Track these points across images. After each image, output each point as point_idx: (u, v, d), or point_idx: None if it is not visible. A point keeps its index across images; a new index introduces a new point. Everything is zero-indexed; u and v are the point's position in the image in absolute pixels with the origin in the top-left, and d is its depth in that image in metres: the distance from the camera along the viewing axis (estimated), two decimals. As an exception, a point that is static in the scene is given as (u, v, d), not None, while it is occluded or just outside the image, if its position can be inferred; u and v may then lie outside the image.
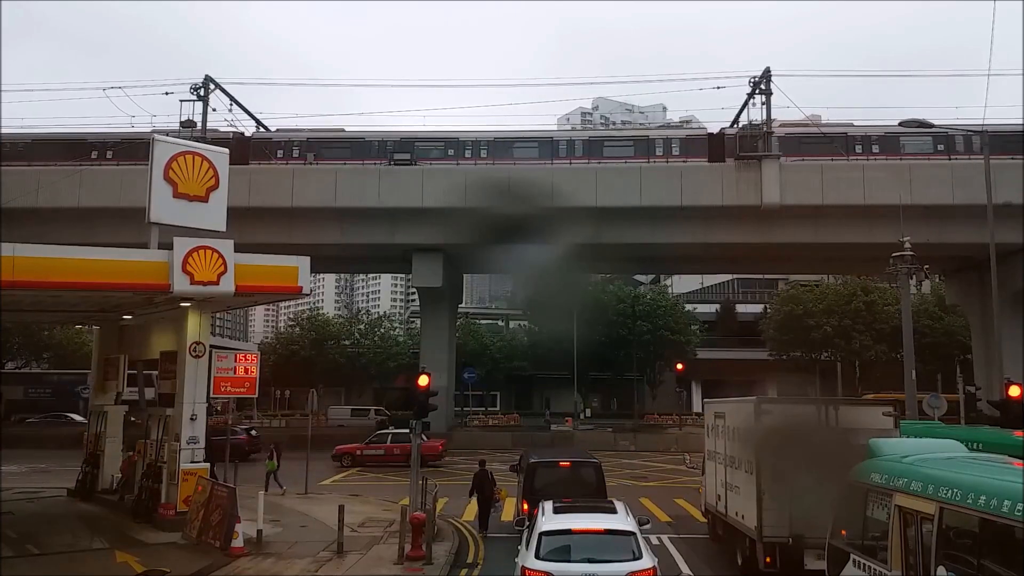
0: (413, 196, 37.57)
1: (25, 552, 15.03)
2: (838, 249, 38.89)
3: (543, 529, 10.58)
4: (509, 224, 33.57)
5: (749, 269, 58.85)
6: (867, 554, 8.72)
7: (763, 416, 13.15)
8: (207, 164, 17.36)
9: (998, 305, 24.14)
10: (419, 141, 39.59)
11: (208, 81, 40.23)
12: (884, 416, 13.09)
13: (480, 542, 16.72)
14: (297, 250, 18.78)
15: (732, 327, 67.50)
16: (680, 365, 51.43)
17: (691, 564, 14.74)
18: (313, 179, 38.19)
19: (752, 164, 36.73)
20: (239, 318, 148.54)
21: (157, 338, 19.53)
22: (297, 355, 61.30)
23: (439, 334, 42.84)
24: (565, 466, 16.03)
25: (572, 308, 46.43)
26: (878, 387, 44.72)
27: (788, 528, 12.17)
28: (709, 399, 19.04)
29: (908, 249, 24.92)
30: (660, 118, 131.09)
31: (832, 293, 52.94)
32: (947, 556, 7.32)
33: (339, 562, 14.20)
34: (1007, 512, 6.48)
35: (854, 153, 37.35)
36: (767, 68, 38.29)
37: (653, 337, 53.73)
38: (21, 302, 17.80)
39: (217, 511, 15.30)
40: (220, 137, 36.92)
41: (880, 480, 8.67)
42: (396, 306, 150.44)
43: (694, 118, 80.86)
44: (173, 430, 17.52)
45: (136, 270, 15.67)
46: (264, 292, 18.01)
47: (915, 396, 24.31)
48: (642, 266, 56.46)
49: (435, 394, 17.14)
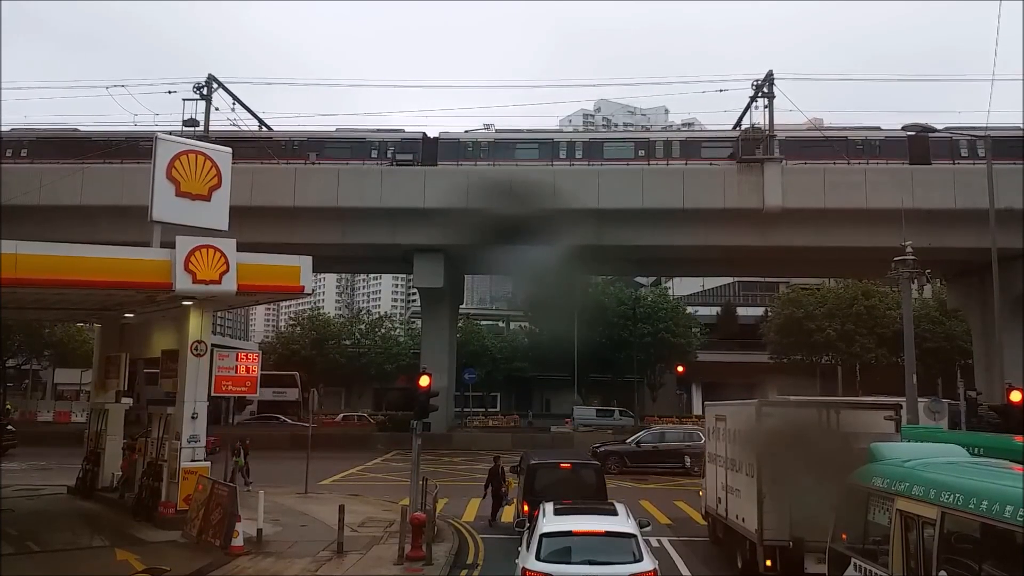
0: (415, 197, 37.60)
1: (25, 549, 15.02)
2: (839, 252, 38.89)
3: (543, 531, 10.58)
4: (510, 225, 33.60)
5: (750, 272, 58.85)
6: (868, 558, 8.71)
7: (764, 419, 13.15)
8: (210, 163, 17.37)
9: (999, 310, 24.15)
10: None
11: (211, 80, 40.29)
12: (885, 420, 13.08)
13: (480, 543, 16.73)
14: (299, 250, 18.80)
15: (733, 330, 67.51)
16: (681, 367, 51.48)
17: (691, 566, 14.73)
18: (315, 179, 38.23)
19: (754, 167, 36.76)
20: (240, 317, 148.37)
21: (159, 336, 19.54)
22: (298, 355, 61.35)
23: (440, 335, 42.88)
24: (565, 468, 16.02)
25: (573, 309, 46.51)
26: (879, 391, 44.70)
27: (789, 531, 12.16)
28: (710, 401, 19.03)
29: (909, 253, 24.92)
30: (662, 120, 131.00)
31: (833, 297, 52.94)
32: (948, 560, 7.31)
33: (339, 562, 14.19)
34: (1008, 517, 6.47)
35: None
36: (770, 71, 38.38)
37: (654, 339, 53.76)
38: (23, 300, 17.81)
39: (217, 510, 15.29)
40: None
41: (881, 484, 8.66)
42: (397, 306, 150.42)
43: (696, 120, 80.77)
44: (174, 428, 17.54)
45: (138, 269, 15.68)
46: (266, 291, 18.01)
47: (916, 400, 24.29)
48: (643, 268, 56.49)
49: (436, 395, 17.14)
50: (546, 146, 39.34)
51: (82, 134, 40.14)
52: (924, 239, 30.01)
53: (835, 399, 22.05)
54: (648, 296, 60.40)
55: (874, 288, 52.05)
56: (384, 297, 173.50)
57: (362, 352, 63.98)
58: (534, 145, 39.42)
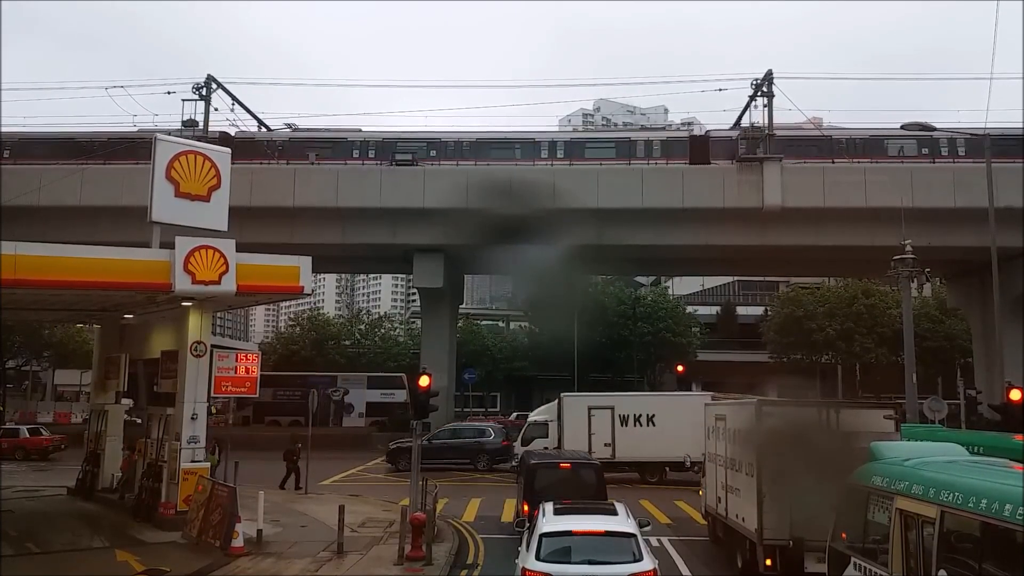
0: (414, 197, 37.58)
1: (25, 550, 15.02)
2: (839, 252, 38.87)
3: (543, 530, 10.57)
4: (510, 225, 33.59)
5: (750, 271, 58.85)
6: (868, 557, 8.71)
7: (764, 418, 13.15)
8: (209, 163, 17.36)
9: (999, 309, 24.12)
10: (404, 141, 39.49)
11: (210, 80, 40.28)
12: (885, 419, 13.09)
13: (480, 543, 16.72)
14: (298, 250, 18.81)
15: (733, 329, 67.52)
16: (681, 367, 51.42)
17: (691, 566, 14.73)
18: (314, 179, 38.20)
19: (754, 166, 36.76)
20: (240, 318, 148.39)
21: (158, 337, 19.53)
22: (297, 355, 61.33)
23: (440, 335, 42.85)
24: (565, 467, 16.01)
25: (573, 309, 46.47)
26: (879, 391, 44.73)
27: (788, 531, 12.16)
28: (709, 401, 19.03)
29: (909, 252, 24.95)
30: (661, 120, 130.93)
31: (833, 296, 52.93)
32: (948, 559, 7.31)
33: (339, 562, 14.19)
34: (1008, 516, 6.47)
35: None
36: (769, 71, 38.39)
37: (654, 339, 53.75)
38: (22, 300, 17.80)
39: (217, 510, 15.29)
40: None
41: (881, 483, 8.66)
42: (397, 306, 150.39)
43: (696, 120, 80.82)
44: (174, 429, 17.53)
45: (138, 269, 15.68)
46: (265, 292, 18.02)
47: (916, 399, 24.34)
48: (643, 267, 56.45)
49: (436, 395, 17.13)
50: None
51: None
52: (924, 238, 30.04)
53: (832, 401, 22.04)
54: (648, 296, 60.39)
55: (874, 287, 52.05)
56: (384, 297, 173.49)
57: (362, 352, 63.96)
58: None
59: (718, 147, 37.99)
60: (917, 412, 24.48)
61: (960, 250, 35.72)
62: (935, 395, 29.61)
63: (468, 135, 39.57)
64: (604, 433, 25.57)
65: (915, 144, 36.67)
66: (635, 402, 27.66)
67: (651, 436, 25.61)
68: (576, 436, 25.92)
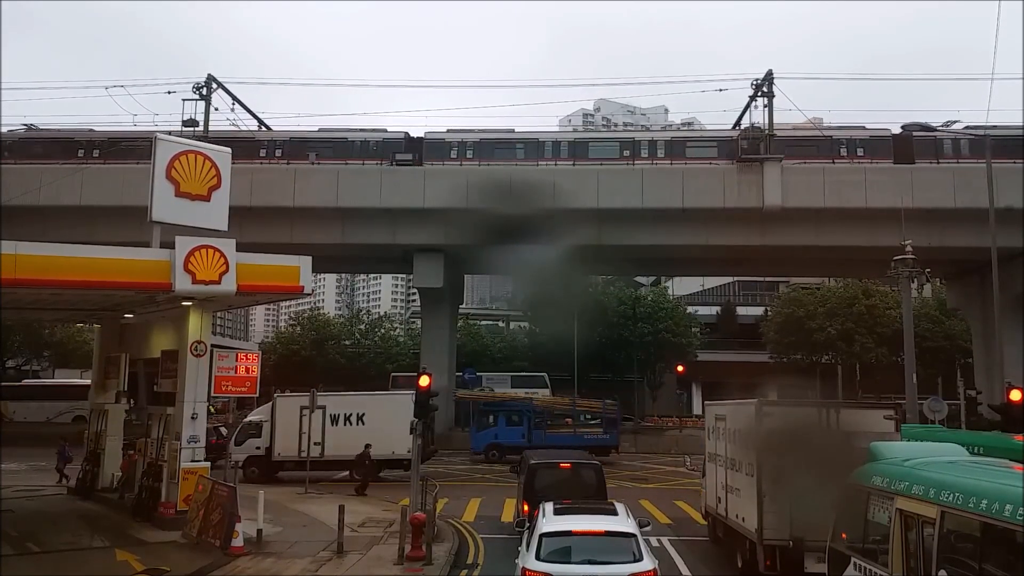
0: (415, 197, 37.58)
1: (25, 550, 15.03)
2: (839, 252, 38.86)
3: (543, 530, 10.58)
4: (510, 225, 33.57)
5: (750, 271, 58.80)
6: (868, 557, 8.71)
7: (764, 419, 13.15)
8: (209, 163, 17.37)
9: (999, 309, 24.12)
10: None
11: (211, 80, 40.27)
12: (885, 419, 13.09)
13: (480, 543, 16.73)
14: (298, 250, 18.83)
15: (733, 329, 67.46)
16: (681, 367, 51.36)
17: (691, 566, 14.74)
18: (315, 179, 38.20)
19: (754, 166, 36.75)
20: (240, 317, 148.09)
21: (158, 337, 19.54)
22: (298, 355, 61.31)
23: (440, 335, 42.86)
24: (565, 467, 16.02)
25: (573, 309, 46.39)
26: (879, 390, 44.70)
27: (788, 531, 12.17)
28: (710, 401, 19.03)
29: (909, 252, 24.93)
30: (662, 120, 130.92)
31: (833, 296, 52.89)
32: (948, 560, 7.31)
33: (339, 562, 14.20)
34: (1008, 516, 6.47)
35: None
36: (769, 71, 38.36)
37: (654, 339, 53.68)
38: (22, 300, 17.81)
39: (217, 510, 15.29)
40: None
41: (881, 483, 8.66)
42: (397, 306, 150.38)
43: (696, 120, 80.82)
44: (174, 429, 17.53)
45: (138, 269, 15.69)
46: (265, 292, 18.02)
47: (916, 399, 24.32)
48: (643, 268, 56.40)
49: (436, 395, 17.15)
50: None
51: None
52: (924, 238, 30.03)
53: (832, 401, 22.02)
54: (648, 296, 60.31)
55: (874, 287, 52.01)
56: (384, 297, 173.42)
57: (362, 352, 63.92)
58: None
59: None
60: (917, 412, 24.45)
61: (960, 250, 35.72)
62: (935, 395, 29.62)
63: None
64: (314, 432, 25.23)
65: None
66: (346, 401, 27.64)
67: (361, 434, 25.32)
68: (287, 435, 25.98)
